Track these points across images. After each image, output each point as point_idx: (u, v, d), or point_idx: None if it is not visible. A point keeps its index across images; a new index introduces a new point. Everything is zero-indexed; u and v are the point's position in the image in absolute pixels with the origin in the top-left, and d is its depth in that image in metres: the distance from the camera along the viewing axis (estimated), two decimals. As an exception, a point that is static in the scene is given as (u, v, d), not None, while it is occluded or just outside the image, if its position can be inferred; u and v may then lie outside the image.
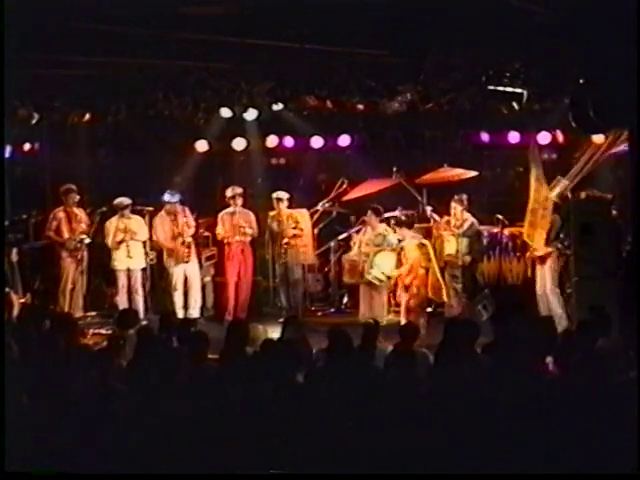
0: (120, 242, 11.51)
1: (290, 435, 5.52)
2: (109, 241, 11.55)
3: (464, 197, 11.17)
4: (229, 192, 11.72)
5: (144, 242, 11.68)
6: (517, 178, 12.23)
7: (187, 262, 11.55)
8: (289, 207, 11.75)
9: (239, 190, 11.73)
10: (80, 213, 11.74)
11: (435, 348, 6.73)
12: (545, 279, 10.33)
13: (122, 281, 11.60)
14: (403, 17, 9.57)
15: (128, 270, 11.61)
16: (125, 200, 11.60)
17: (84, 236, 11.55)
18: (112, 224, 11.57)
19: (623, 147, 10.25)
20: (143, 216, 11.70)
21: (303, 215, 11.90)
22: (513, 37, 9.99)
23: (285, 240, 11.56)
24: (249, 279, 11.84)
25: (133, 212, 11.69)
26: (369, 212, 11.07)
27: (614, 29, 8.12)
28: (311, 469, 5.34)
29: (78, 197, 11.69)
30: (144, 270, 11.74)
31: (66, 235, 11.58)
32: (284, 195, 11.72)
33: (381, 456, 5.34)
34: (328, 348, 6.73)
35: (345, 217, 12.37)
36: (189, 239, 11.55)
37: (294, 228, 11.64)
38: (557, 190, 10.37)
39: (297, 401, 5.79)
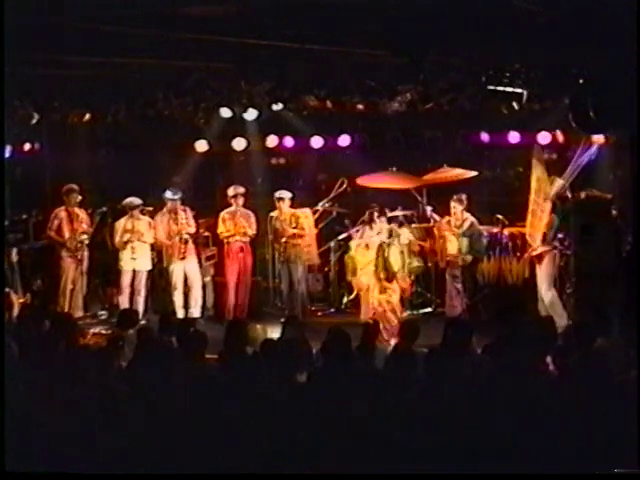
0: (126, 242, 11.51)
1: (290, 435, 5.52)
2: (116, 240, 11.55)
3: (464, 197, 11.17)
4: (231, 191, 11.72)
5: (151, 244, 11.68)
6: (517, 178, 12.24)
7: (183, 259, 11.53)
8: (291, 207, 11.73)
9: (241, 189, 11.73)
10: (81, 213, 11.73)
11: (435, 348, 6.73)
12: (542, 280, 10.33)
13: (126, 281, 11.58)
14: (403, 17, 9.57)
15: (134, 271, 11.61)
16: (135, 200, 11.61)
17: (85, 236, 11.55)
18: (120, 224, 11.58)
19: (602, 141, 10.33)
20: (144, 216, 11.70)
21: (307, 215, 11.86)
22: (513, 37, 9.99)
23: (284, 239, 11.54)
24: (249, 279, 11.84)
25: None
26: (367, 213, 11.09)
27: (614, 29, 8.11)
28: (311, 469, 5.34)
29: (80, 197, 11.69)
30: (149, 272, 11.75)
31: (67, 235, 11.57)
32: (286, 195, 11.69)
33: (381, 456, 5.34)
34: (327, 348, 6.72)
35: (345, 217, 12.36)
36: (186, 236, 11.54)
37: (294, 227, 11.62)
38: (553, 190, 10.37)
39: (297, 401, 5.79)
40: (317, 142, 12.77)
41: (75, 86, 12.47)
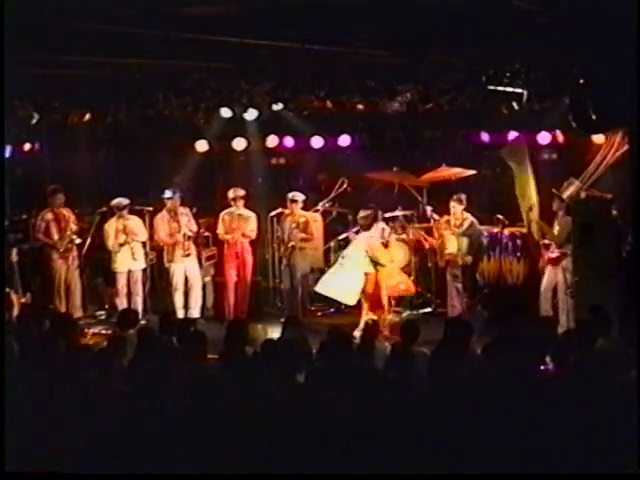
0: (122, 244, 11.49)
1: (290, 435, 5.52)
2: (110, 243, 11.51)
3: (463, 196, 11.17)
4: (231, 194, 11.69)
5: (143, 242, 11.68)
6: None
7: (188, 255, 11.50)
8: (303, 209, 11.71)
9: (241, 192, 11.70)
10: (68, 213, 11.69)
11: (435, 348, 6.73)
12: (554, 280, 10.30)
13: (122, 282, 11.58)
14: (403, 17, 9.57)
15: (129, 271, 11.61)
16: (123, 201, 11.58)
17: (74, 236, 11.52)
18: (111, 226, 11.54)
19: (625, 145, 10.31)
20: (143, 216, 11.70)
21: (316, 219, 11.85)
22: (513, 37, 9.99)
23: (291, 244, 11.52)
24: (249, 279, 11.83)
25: (133, 212, 11.68)
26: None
27: (614, 29, 8.12)
28: (311, 469, 5.34)
29: (64, 198, 11.63)
30: (144, 270, 11.74)
31: (56, 236, 11.52)
32: (299, 197, 11.64)
33: (380, 456, 5.34)
34: (327, 348, 6.72)
35: (345, 217, 12.36)
36: (189, 233, 11.52)
37: (303, 231, 11.58)
38: (569, 191, 10.35)
39: (297, 401, 5.79)
40: (317, 142, 12.78)
41: (75, 86, 12.46)
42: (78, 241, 11.53)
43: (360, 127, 12.75)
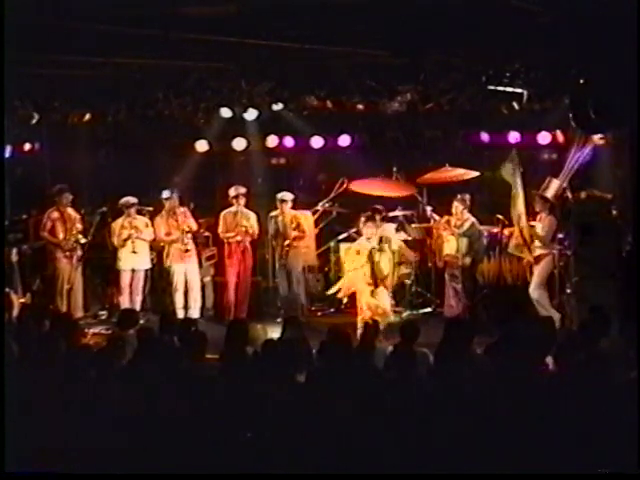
0: (126, 239, 11.50)
1: (290, 435, 5.52)
2: (115, 239, 11.52)
3: (467, 197, 11.15)
4: (232, 191, 11.68)
5: (151, 245, 11.67)
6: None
7: (187, 251, 11.49)
8: (293, 208, 11.73)
9: (242, 190, 11.70)
10: (74, 213, 11.69)
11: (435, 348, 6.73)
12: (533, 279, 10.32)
13: (125, 281, 11.57)
14: (403, 17, 9.58)
15: (133, 270, 11.60)
16: (131, 199, 11.59)
17: (80, 236, 11.52)
18: (118, 224, 11.56)
19: (598, 141, 10.32)
20: (143, 216, 11.70)
21: (307, 217, 11.86)
22: (513, 37, 10.01)
23: (287, 242, 11.53)
24: (249, 279, 11.82)
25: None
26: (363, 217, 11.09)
27: (614, 29, 8.12)
28: (311, 469, 5.34)
29: (71, 197, 11.64)
30: (147, 271, 11.75)
31: (61, 236, 11.50)
32: (288, 196, 11.64)
33: (381, 456, 5.33)
34: (327, 348, 6.72)
35: (345, 217, 12.36)
36: (187, 229, 11.51)
37: (295, 229, 11.60)
38: (551, 191, 10.35)
39: (297, 401, 5.79)
40: (317, 142, 12.79)
41: (75, 86, 12.47)
42: (83, 241, 11.52)
43: (360, 127, 12.76)
